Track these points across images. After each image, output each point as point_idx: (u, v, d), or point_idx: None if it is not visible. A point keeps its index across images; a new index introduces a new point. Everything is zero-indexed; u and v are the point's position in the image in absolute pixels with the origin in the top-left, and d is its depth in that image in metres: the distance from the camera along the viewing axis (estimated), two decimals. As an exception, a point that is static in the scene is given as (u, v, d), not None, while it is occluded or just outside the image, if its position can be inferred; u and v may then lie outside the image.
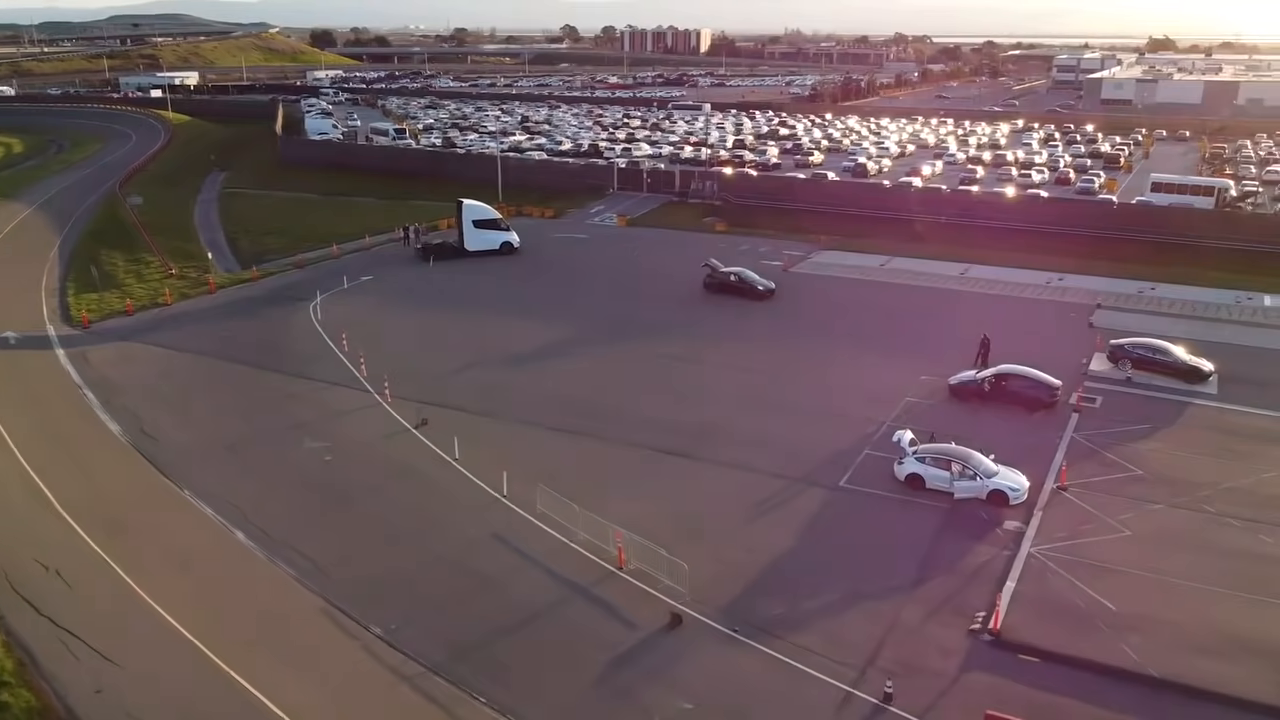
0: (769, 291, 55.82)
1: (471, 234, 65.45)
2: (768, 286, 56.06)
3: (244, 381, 43.23)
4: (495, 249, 65.33)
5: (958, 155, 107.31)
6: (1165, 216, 70.58)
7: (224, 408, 40.25)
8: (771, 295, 55.72)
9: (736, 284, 55.90)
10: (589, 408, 39.88)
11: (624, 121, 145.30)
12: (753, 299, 55.19)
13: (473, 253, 64.85)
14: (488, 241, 65.35)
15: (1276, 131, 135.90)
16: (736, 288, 55.80)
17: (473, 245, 65.29)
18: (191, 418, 39.22)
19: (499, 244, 65.59)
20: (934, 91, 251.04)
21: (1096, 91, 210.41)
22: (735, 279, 56.00)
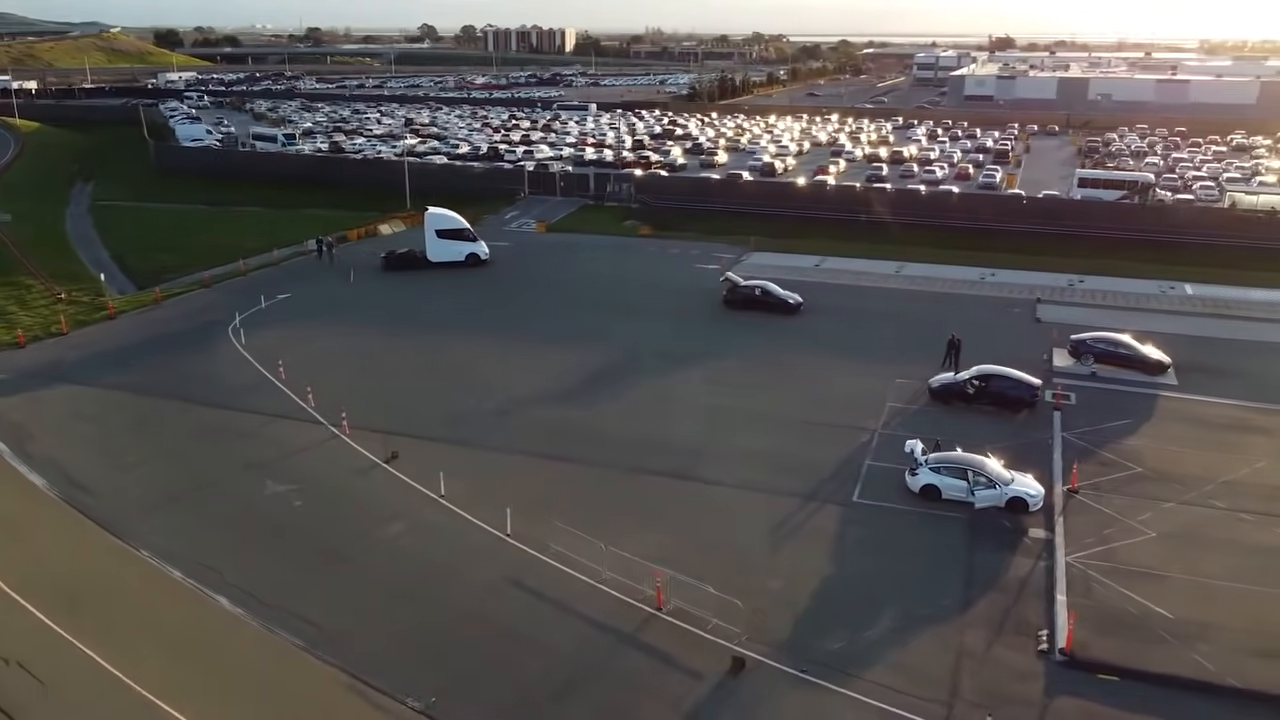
0: (799, 305, 52.74)
1: (434, 244, 61.83)
2: (797, 300, 52.93)
3: (174, 418, 38.98)
4: (460, 260, 61.71)
5: (856, 153, 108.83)
6: (1086, 210, 72.79)
7: (159, 450, 36.08)
8: (800, 309, 52.62)
9: (762, 298, 52.80)
10: (568, 429, 37.59)
11: (513, 123, 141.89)
12: (782, 313, 52.26)
13: (437, 264, 61.44)
14: (452, 253, 61.71)
15: (1137, 125, 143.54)
16: (763, 302, 52.72)
17: (436, 256, 61.70)
18: (124, 463, 34.93)
19: (464, 255, 61.96)
20: (805, 89, 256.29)
21: (960, 88, 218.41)
22: (760, 293, 53.00)
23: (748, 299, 52.92)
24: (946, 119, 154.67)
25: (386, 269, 61.75)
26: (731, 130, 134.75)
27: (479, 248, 62.42)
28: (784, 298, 52.71)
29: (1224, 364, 44.30)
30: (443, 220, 62.46)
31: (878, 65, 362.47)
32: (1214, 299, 55.16)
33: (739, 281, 53.75)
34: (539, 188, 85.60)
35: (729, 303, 53.34)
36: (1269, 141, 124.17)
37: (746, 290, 53.18)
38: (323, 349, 46.92)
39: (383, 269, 61.88)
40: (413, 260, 62.06)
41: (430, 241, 61.80)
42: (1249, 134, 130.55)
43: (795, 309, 52.43)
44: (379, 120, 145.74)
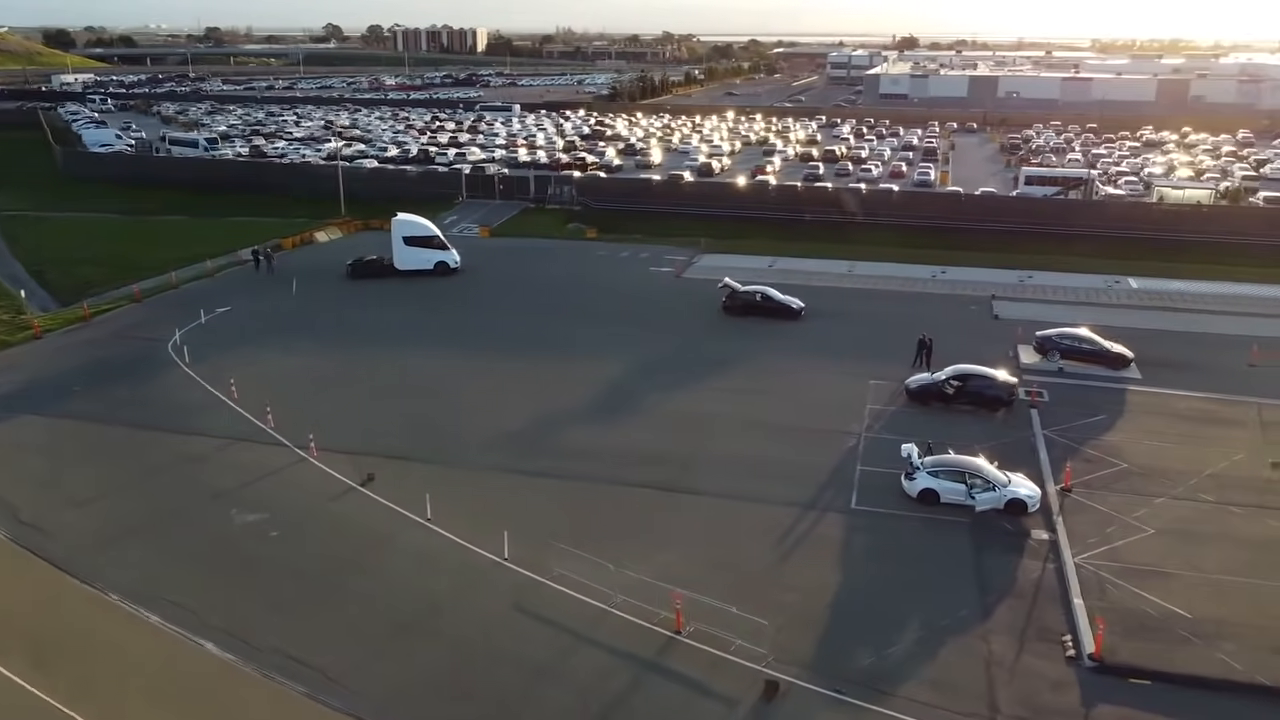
0: (801, 310, 51.53)
1: (402, 251, 59.42)
2: (799, 305, 51.66)
3: (123, 445, 36.39)
4: (429, 269, 59.13)
5: (788, 152, 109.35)
6: (1031, 206, 74.06)
7: (113, 481, 33.56)
8: (802, 314, 51.44)
9: (764, 304, 51.45)
10: (551, 443, 36.28)
11: (438, 125, 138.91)
12: (786, 319, 51.07)
13: (404, 272, 59.18)
14: (420, 260, 59.24)
15: (1050, 122, 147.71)
16: (764, 308, 51.40)
17: (403, 264, 59.34)
18: (75, 497, 32.35)
19: (433, 263, 59.39)
20: (722, 89, 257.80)
21: (875, 87, 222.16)
22: (761, 298, 51.56)
23: (748, 305, 51.60)
24: (865, 117, 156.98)
25: (352, 277, 59.50)
26: (660, 130, 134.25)
27: (449, 255, 60.03)
28: (786, 303, 51.60)
29: (1179, 357, 45.12)
30: (410, 227, 60.01)
31: (791, 64, 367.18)
32: (1158, 292, 56.56)
33: (738, 287, 52.21)
34: (476, 191, 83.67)
35: (728, 309, 51.96)
36: (1175, 136, 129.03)
37: (747, 296, 51.76)
38: (276, 365, 44.60)
39: (348, 276, 59.65)
40: (380, 268, 59.64)
41: (397, 249, 59.41)
42: (1156, 129, 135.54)
43: (798, 314, 51.29)
44: (297, 123, 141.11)
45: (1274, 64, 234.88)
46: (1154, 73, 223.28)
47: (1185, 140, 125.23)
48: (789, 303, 51.54)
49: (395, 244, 59.45)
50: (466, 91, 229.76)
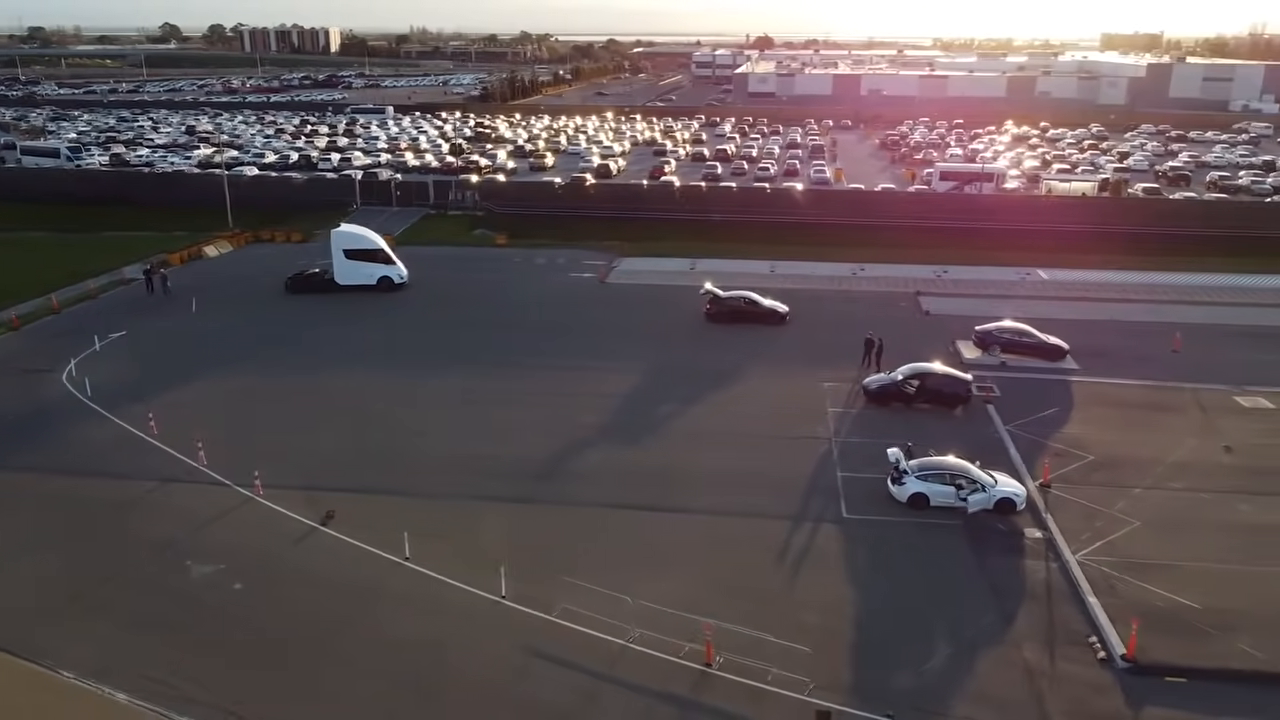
0: (786, 315, 50.35)
1: (342, 265, 55.34)
2: (785, 310, 50.52)
3: (34, 495, 32.41)
4: (371, 284, 55.34)
5: (680, 151, 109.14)
6: (943, 201, 75.73)
7: (35, 537, 29.75)
8: (787, 319, 50.29)
9: (750, 309, 50.13)
10: (518, 465, 34.29)
11: (310, 129, 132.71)
12: (773, 324, 49.89)
13: (346, 287, 55.31)
14: (362, 275, 55.29)
15: (920, 119, 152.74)
16: (750, 314, 50.05)
17: (344, 279, 55.36)
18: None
19: (375, 279, 55.50)
20: (591, 89, 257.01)
21: (744, 86, 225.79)
22: (746, 303, 50.21)
23: (735, 311, 50.29)
24: (734, 116, 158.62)
25: (291, 290, 55.86)
26: (545, 131, 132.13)
27: (394, 270, 56.03)
28: (772, 307, 50.56)
29: (1106, 345, 46.46)
30: (351, 239, 55.95)
31: (655, 64, 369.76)
32: (1069, 282, 58.54)
33: (720, 293, 50.90)
34: (372, 198, 79.93)
35: (713, 316, 50.51)
36: (1037, 131, 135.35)
37: (733, 301, 50.55)
38: (197, 394, 40.93)
39: (286, 290, 56.05)
40: (320, 282, 55.70)
41: (337, 262, 55.43)
42: (1018, 123, 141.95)
43: (784, 319, 50.29)
44: (155, 128, 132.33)
45: (1107, 61, 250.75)
46: (1003, 70, 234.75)
47: (1047, 135, 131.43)
48: (776, 307, 50.65)
49: (335, 257, 55.36)
50: (330, 93, 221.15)
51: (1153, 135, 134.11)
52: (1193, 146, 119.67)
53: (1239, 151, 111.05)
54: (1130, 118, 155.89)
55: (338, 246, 55.17)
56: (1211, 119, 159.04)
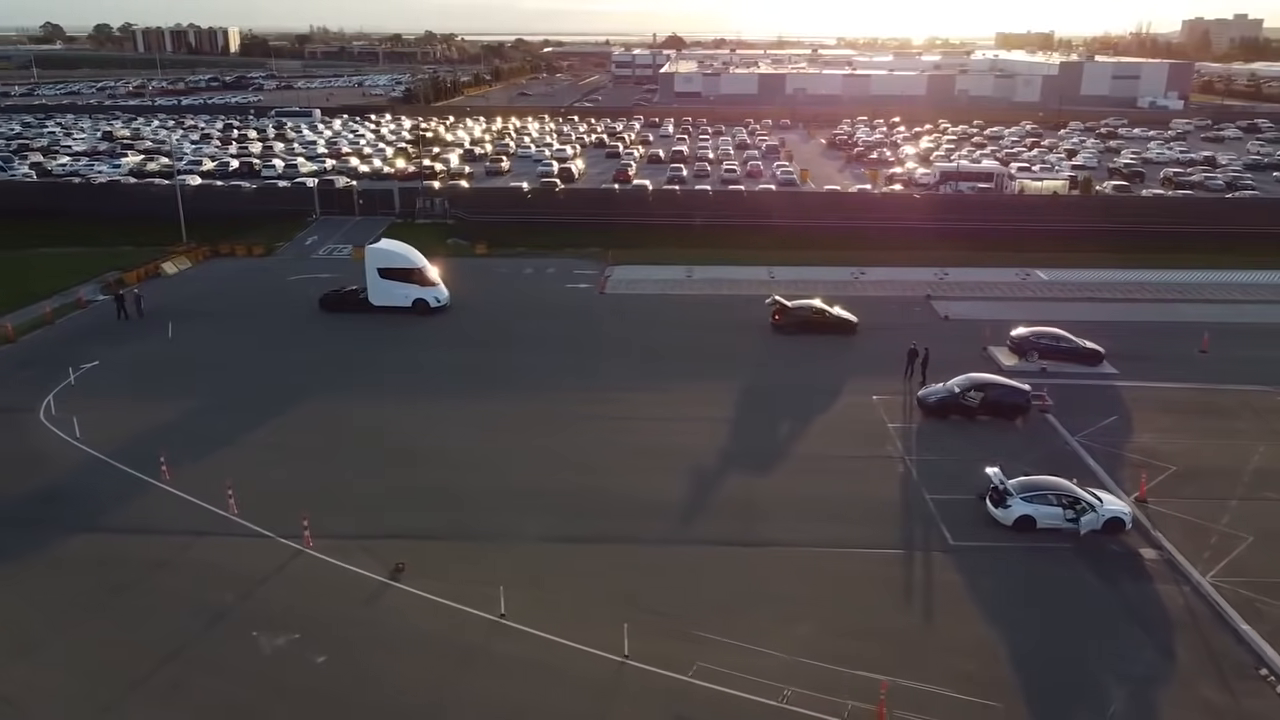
0: (856, 324, 48.47)
1: (376, 284, 50.85)
2: (855, 319, 48.71)
3: (49, 557, 28.48)
4: (406, 307, 50.79)
5: (634, 153, 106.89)
6: (938, 202, 75.07)
7: (57, 610, 25.94)
8: (857, 328, 48.39)
9: (819, 318, 48.09)
10: (583, 499, 31.65)
11: (238, 134, 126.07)
12: (846, 333, 48.00)
13: (379, 308, 51.06)
14: (397, 297, 50.77)
15: (859, 117, 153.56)
16: (821, 323, 47.96)
17: (377, 299, 50.96)
18: (21, 642, 24.63)
19: (410, 301, 50.94)
20: (512, 89, 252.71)
21: (670, 85, 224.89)
22: (815, 313, 48.29)
23: (804, 321, 48.19)
24: (664, 115, 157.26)
25: (324, 309, 51.92)
26: (487, 134, 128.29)
27: (431, 292, 51.18)
28: (843, 316, 48.64)
29: (1133, 347, 45.67)
30: (386, 256, 51.20)
31: (571, 64, 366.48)
32: (1071, 283, 58.20)
33: (787, 303, 48.83)
34: (332, 206, 75.58)
35: (781, 327, 48.35)
36: (975, 129, 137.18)
37: (802, 311, 48.49)
38: (204, 430, 36.96)
39: (319, 308, 52.14)
40: (353, 301, 51.48)
41: (371, 281, 50.99)
42: (954, 121, 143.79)
43: (855, 328, 48.32)
44: (68, 134, 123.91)
45: (1021, 60, 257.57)
46: (922, 70, 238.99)
47: (985, 133, 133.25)
48: (848, 316, 48.79)
49: (369, 275, 50.85)
50: (243, 96, 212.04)
51: (1084, 131, 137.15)
52: (1130, 143, 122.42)
53: (1178, 148, 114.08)
54: (1059, 115, 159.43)
55: (372, 264, 50.83)
56: (1123, 114, 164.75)
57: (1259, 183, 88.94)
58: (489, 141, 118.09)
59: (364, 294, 51.03)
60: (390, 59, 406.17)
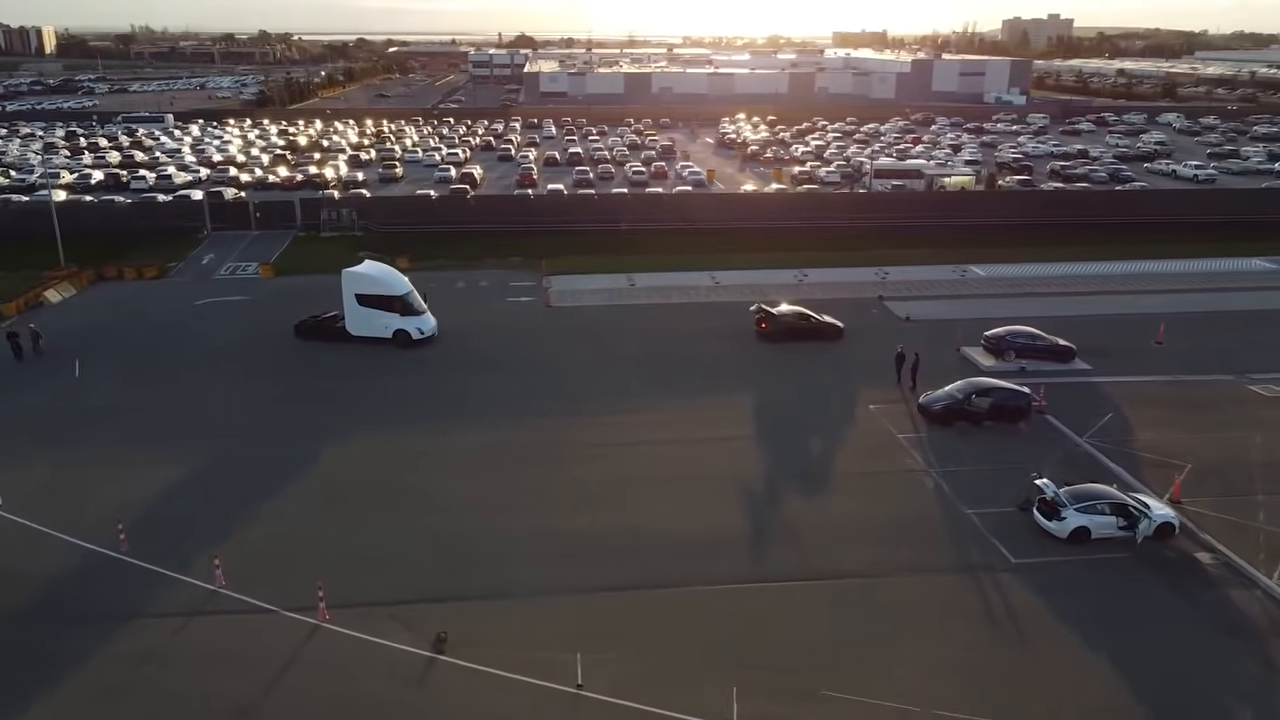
0: (843, 329, 47.40)
1: (354, 312, 45.54)
2: (841, 324, 47.61)
3: (15, 648, 23.89)
4: (386, 338, 45.37)
5: (530, 155, 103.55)
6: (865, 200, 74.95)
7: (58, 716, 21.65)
8: (843, 334, 47.29)
9: (805, 324, 46.56)
10: (609, 542, 28.97)
11: (88, 141, 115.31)
12: (832, 339, 46.68)
13: (359, 338, 45.85)
14: (376, 327, 45.39)
15: (737, 116, 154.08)
16: (808, 330, 46.46)
17: (356, 328, 45.70)
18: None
19: (390, 332, 45.42)
20: (369, 90, 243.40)
21: (535, 85, 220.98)
22: (801, 319, 46.70)
23: (792, 328, 46.53)
24: (525, 116, 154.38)
25: (300, 336, 46.81)
26: (365, 138, 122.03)
27: (414, 323, 45.65)
28: (831, 322, 47.37)
29: (1093, 341, 46.04)
30: (365, 281, 45.63)
31: (426, 64, 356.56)
32: (1009, 278, 58.79)
33: (772, 311, 47.08)
34: (224, 221, 69.29)
35: (768, 335, 46.65)
36: (850, 126, 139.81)
37: (789, 318, 46.84)
38: (149, 488, 32.22)
39: (295, 335, 46.90)
40: (331, 330, 46.30)
41: (349, 308, 45.73)
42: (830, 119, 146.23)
43: (842, 333, 47.20)
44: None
45: (873, 58, 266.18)
46: (782, 68, 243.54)
47: (863, 129, 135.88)
48: (834, 322, 47.57)
49: (346, 302, 45.68)
50: (78, 101, 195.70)
51: (951, 127, 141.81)
52: (1000, 138, 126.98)
53: (1051, 142, 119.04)
54: (926, 110, 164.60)
55: (349, 289, 45.59)
56: (971, 109, 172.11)
57: (1135, 174, 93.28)
58: (371, 146, 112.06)
59: (342, 322, 46.19)
60: (227, 60, 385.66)
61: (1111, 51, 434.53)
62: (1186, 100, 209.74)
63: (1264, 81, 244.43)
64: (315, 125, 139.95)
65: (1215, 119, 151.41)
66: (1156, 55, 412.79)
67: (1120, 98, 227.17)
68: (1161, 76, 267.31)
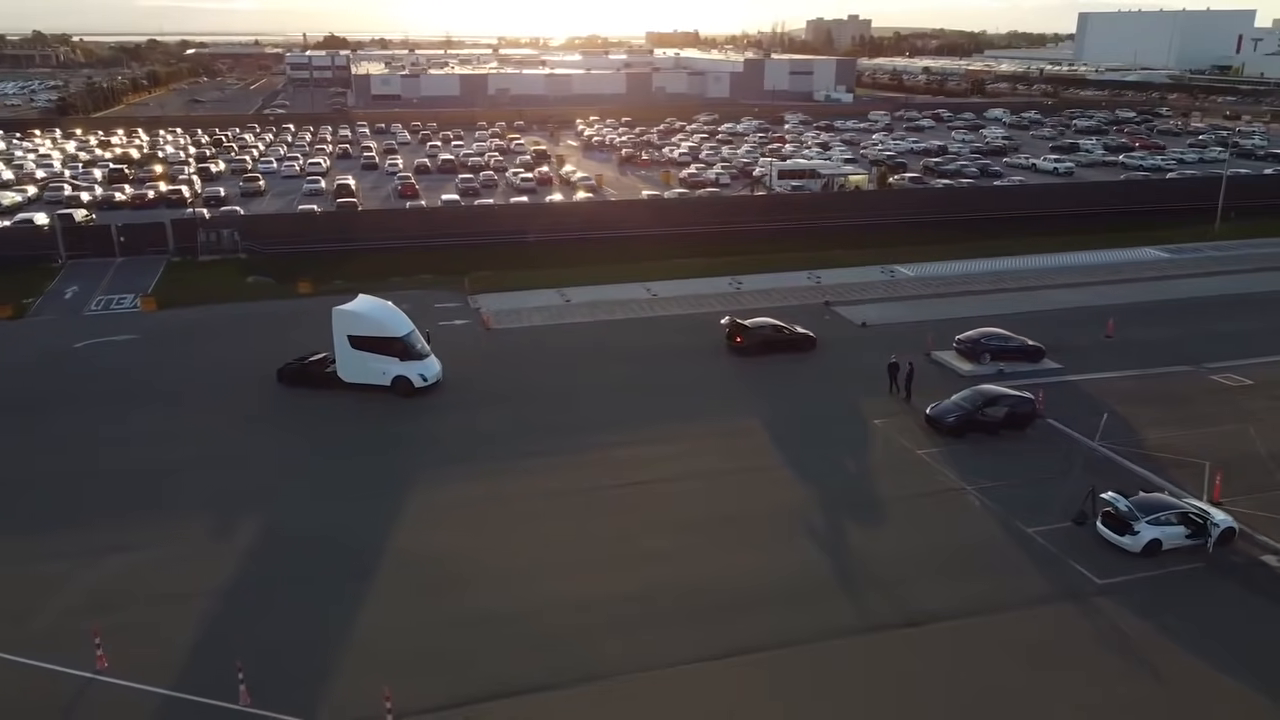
0: (815, 339, 45.95)
1: (346, 356, 39.59)
2: (813, 334, 46.21)
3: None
4: (385, 385, 39.50)
5: (398, 163, 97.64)
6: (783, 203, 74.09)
7: None
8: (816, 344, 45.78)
9: (779, 336, 45.03)
10: (671, 599, 26.09)
11: None
12: (806, 350, 45.22)
13: (351, 385, 39.89)
14: (371, 373, 39.50)
15: (591, 117, 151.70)
16: (780, 342, 44.88)
17: (348, 374, 39.75)
18: None
19: (389, 379, 39.50)
20: (179, 96, 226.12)
21: (367, 88, 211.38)
22: (775, 330, 45.22)
23: (766, 341, 44.84)
24: (353, 120, 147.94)
25: (283, 382, 40.94)
26: (208, 148, 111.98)
27: (418, 368, 39.86)
28: (804, 332, 45.84)
29: (1044, 337, 46.00)
30: (357, 320, 39.56)
31: (232, 66, 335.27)
32: (936, 278, 58.99)
33: (745, 324, 45.00)
34: (82, 248, 60.80)
35: (744, 349, 44.74)
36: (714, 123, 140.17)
37: (763, 331, 45.14)
38: (123, 578, 26.73)
39: (278, 381, 41.09)
40: (319, 375, 40.45)
41: (340, 352, 39.80)
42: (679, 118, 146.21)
43: (815, 343, 45.72)
44: None
45: (705, 58, 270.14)
46: (618, 68, 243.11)
47: (722, 128, 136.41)
48: (807, 332, 45.95)
49: (337, 343, 39.76)
50: None
51: (801, 125, 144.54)
52: (856, 135, 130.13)
53: (910, 139, 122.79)
54: (773, 109, 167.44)
55: (341, 330, 39.55)
56: (800, 106, 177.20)
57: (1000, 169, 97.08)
58: (218, 157, 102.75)
59: (332, 366, 40.52)
60: (2, 63, 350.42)
61: (911, 51, 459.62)
62: (995, 96, 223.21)
63: (1053, 78, 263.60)
64: (138, 135, 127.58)
65: (1037, 114, 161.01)
66: (950, 54, 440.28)
67: (933, 94, 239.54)
68: (962, 74, 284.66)
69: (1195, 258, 64.03)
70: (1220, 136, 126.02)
